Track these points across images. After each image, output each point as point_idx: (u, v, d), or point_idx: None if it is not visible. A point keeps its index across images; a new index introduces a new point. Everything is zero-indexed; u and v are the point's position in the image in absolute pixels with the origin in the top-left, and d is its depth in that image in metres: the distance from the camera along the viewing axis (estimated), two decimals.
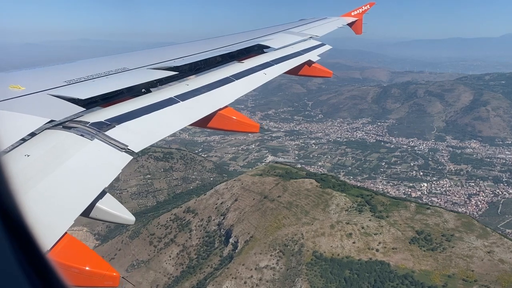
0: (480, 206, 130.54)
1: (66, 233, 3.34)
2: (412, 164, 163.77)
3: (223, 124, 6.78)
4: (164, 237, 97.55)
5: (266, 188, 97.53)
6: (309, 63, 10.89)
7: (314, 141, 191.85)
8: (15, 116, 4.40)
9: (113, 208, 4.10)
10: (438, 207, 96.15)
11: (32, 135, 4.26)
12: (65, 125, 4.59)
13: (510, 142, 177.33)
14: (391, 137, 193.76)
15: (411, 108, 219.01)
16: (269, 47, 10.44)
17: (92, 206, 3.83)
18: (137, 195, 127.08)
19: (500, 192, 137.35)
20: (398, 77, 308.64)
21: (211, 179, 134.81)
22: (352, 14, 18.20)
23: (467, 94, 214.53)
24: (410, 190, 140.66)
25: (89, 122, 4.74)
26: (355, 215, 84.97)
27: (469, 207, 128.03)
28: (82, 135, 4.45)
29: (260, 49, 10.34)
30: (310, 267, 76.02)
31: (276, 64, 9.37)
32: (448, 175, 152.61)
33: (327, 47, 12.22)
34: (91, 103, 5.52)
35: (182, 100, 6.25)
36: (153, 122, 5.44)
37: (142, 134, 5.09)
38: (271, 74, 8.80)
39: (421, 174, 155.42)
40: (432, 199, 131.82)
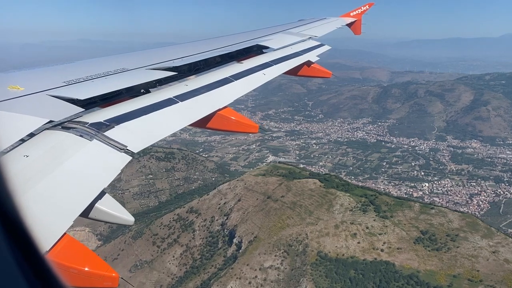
0: (482, 206, 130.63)
1: (65, 233, 3.33)
2: (413, 164, 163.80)
3: (222, 125, 6.78)
4: (167, 237, 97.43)
5: (270, 188, 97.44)
6: (308, 63, 10.91)
7: (314, 141, 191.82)
8: (14, 117, 4.40)
9: (112, 209, 4.07)
10: (442, 207, 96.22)
11: (31, 135, 4.26)
12: (64, 125, 4.60)
13: (511, 142, 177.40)
14: (391, 137, 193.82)
15: (411, 108, 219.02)
16: (268, 47, 10.45)
17: (91, 206, 3.84)
18: (139, 195, 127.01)
19: (502, 192, 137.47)
20: (398, 77, 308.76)
21: (213, 179, 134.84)
22: (351, 14, 18.21)
23: (467, 94, 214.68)
24: (411, 190, 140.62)
25: (88, 123, 4.75)
26: (359, 215, 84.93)
27: (471, 207, 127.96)
28: (81, 136, 4.46)
29: (259, 49, 10.36)
30: (315, 267, 75.95)
31: (275, 64, 9.37)
32: (449, 175, 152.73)
33: (326, 48, 12.24)
34: (90, 104, 5.53)
35: (181, 101, 6.26)
36: (152, 122, 5.46)
37: (141, 134, 5.11)
38: (270, 74, 8.80)
39: (422, 174, 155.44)
40: (434, 199, 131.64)
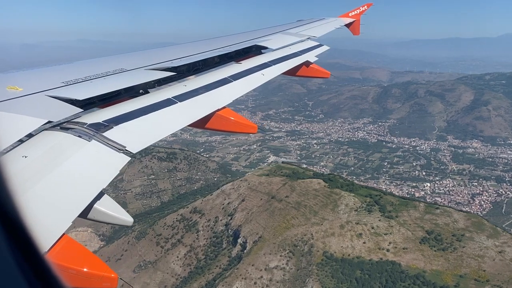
0: (484, 206, 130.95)
1: (64, 234, 3.33)
2: (414, 164, 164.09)
3: (221, 125, 6.78)
4: (171, 237, 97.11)
5: (274, 188, 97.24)
6: (307, 63, 10.90)
7: (315, 141, 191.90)
8: (12, 117, 4.40)
9: (111, 209, 4.06)
10: (447, 206, 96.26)
11: (30, 136, 4.26)
12: (62, 126, 4.59)
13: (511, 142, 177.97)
14: (392, 137, 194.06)
15: (412, 108, 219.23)
16: (267, 47, 10.46)
17: (90, 207, 3.84)
18: (141, 195, 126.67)
19: (504, 192, 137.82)
20: (398, 77, 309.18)
21: (215, 179, 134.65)
22: (350, 15, 18.24)
23: (468, 94, 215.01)
24: (413, 190, 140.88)
25: (86, 123, 4.75)
26: (364, 215, 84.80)
27: (473, 207, 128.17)
28: (80, 136, 4.46)
29: (258, 49, 10.35)
30: (320, 268, 75.79)
31: (274, 64, 9.37)
32: (450, 175, 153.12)
33: (324, 48, 12.26)
34: (88, 104, 5.52)
35: (180, 101, 6.26)
36: (151, 123, 5.46)
37: (140, 135, 5.11)
38: (269, 74, 8.80)
39: (423, 174, 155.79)
40: (436, 198, 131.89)
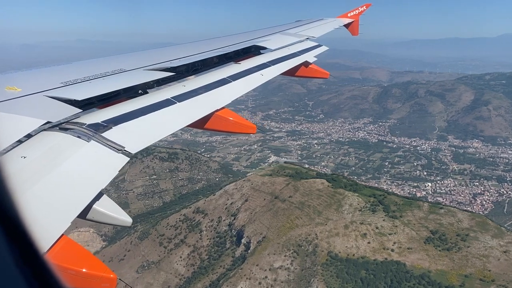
0: (485, 205, 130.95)
1: (63, 235, 3.33)
2: (415, 164, 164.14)
3: (220, 125, 6.78)
4: (174, 238, 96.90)
5: (277, 188, 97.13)
6: (306, 64, 10.91)
7: (316, 141, 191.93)
8: (11, 118, 4.39)
9: (110, 210, 4.06)
10: (452, 206, 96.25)
11: (29, 136, 4.25)
12: (61, 126, 4.59)
13: None
14: (393, 137, 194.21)
15: (412, 108, 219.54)
16: (266, 48, 10.48)
17: (89, 207, 3.84)
18: (143, 195, 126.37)
19: (505, 192, 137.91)
20: (398, 77, 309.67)
21: (217, 179, 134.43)
22: (349, 15, 18.21)
23: (468, 93, 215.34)
24: (415, 190, 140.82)
25: (85, 124, 4.75)
26: (368, 215, 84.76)
27: (474, 207, 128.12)
28: (78, 137, 4.45)
29: (257, 50, 10.37)
30: (325, 268, 75.67)
31: (273, 65, 9.37)
32: (452, 175, 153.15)
33: (323, 48, 12.26)
34: (87, 105, 5.53)
35: (179, 101, 6.26)
36: (150, 123, 5.46)
37: (139, 135, 5.11)
38: (268, 75, 8.81)
39: (425, 173, 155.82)
40: (437, 198, 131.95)
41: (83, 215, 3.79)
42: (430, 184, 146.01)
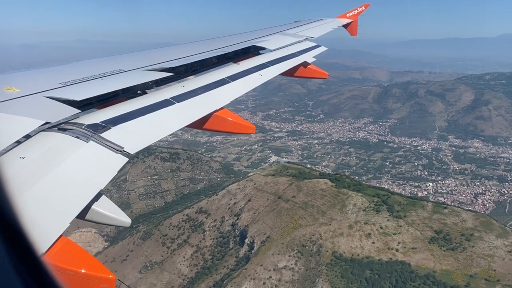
0: (487, 205, 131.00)
1: (61, 235, 3.33)
2: (416, 163, 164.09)
3: (219, 126, 6.81)
4: (177, 238, 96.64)
5: (280, 188, 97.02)
6: (304, 64, 10.91)
7: (316, 141, 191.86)
8: (10, 118, 4.40)
9: (109, 210, 4.05)
10: (456, 206, 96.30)
11: (27, 137, 4.26)
12: (60, 127, 4.60)
13: None
14: (393, 136, 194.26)
15: (412, 107, 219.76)
16: (264, 48, 10.48)
17: (88, 208, 3.84)
18: (144, 195, 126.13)
19: (506, 191, 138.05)
20: (398, 77, 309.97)
21: (218, 179, 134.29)
22: (347, 15, 18.23)
23: (468, 93, 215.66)
24: (416, 190, 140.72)
25: (84, 124, 4.76)
26: (372, 215, 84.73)
27: (476, 207, 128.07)
28: (77, 137, 4.46)
29: (256, 50, 10.36)
30: (330, 268, 75.59)
31: (272, 65, 9.40)
32: (452, 175, 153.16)
33: (322, 49, 12.28)
34: (86, 105, 5.53)
35: (178, 102, 6.27)
36: (148, 123, 5.48)
37: (137, 135, 5.12)
38: (267, 75, 8.82)
39: (425, 173, 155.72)
40: (439, 198, 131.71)
41: (82, 215, 3.79)
42: (431, 184, 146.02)
